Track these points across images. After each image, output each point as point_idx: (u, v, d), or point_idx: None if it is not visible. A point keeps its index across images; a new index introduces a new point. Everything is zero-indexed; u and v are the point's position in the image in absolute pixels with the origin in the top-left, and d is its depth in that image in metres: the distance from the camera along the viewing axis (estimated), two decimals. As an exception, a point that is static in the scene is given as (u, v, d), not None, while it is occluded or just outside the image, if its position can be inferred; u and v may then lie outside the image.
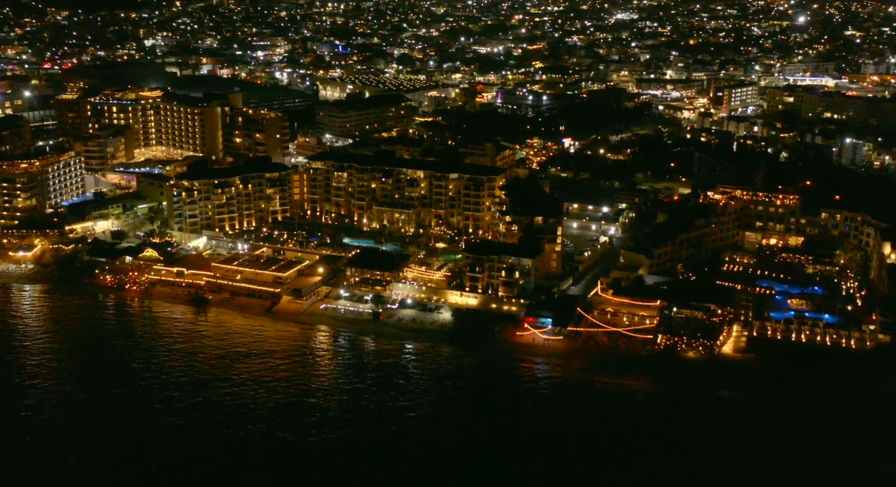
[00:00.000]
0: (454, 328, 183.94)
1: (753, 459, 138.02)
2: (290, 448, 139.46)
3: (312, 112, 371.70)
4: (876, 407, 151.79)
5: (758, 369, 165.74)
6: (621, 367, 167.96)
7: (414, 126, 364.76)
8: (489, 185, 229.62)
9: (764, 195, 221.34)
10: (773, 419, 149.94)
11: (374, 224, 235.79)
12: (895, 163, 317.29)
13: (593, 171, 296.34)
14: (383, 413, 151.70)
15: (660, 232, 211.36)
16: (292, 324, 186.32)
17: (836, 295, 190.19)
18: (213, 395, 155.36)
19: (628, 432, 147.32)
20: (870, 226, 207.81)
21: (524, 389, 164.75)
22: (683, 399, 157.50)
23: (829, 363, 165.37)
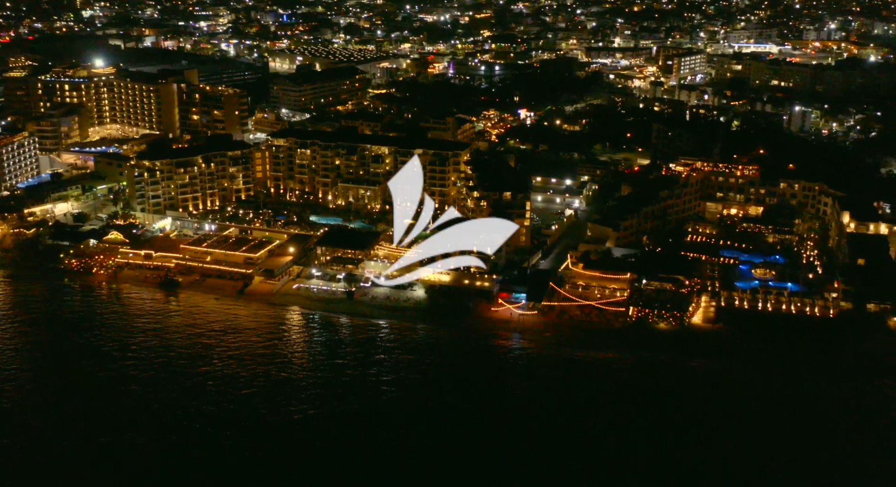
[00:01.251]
0: (429, 305, 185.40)
1: (730, 426, 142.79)
2: (274, 427, 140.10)
3: (264, 85, 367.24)
4: (841, 374, 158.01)
5: (728, 339, 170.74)
6: (596, 340, 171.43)
7: (368, 99, 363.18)
8: (454, 160, 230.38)
9: (724, 166, 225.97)
10: (744, 387, 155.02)
11: (340, 201, 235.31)
12: (843, 131, 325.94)
13: (551, 143, 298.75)
14: (365, 391, 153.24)
15: (625, 204, 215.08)
16: (266, 305, 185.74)
17: (798, 264, 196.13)
18: (193, 377, 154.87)
19: (606, 401, 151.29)
20: (827, 195, 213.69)
21: (502, 363, 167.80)
22: (658, 369, 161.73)
23: (795, 331, 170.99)
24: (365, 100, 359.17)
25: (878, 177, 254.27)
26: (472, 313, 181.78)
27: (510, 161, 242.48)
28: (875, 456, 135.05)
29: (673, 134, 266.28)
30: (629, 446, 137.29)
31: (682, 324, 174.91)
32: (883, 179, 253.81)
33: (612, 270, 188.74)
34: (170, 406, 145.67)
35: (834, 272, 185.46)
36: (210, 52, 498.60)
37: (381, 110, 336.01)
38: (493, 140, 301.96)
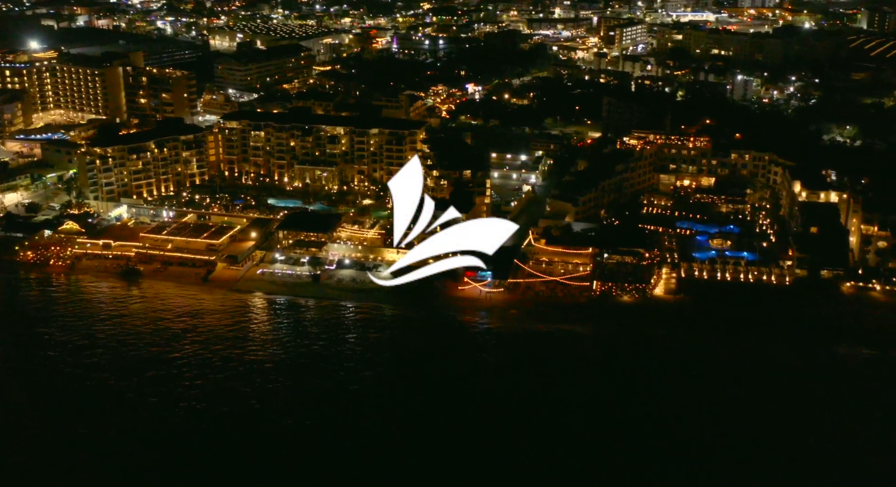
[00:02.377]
0: (395, 286, 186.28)
1: (697, 391, 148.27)
2: (253, 415, 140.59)
3: (207, 64, 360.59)
4: (798, 339, 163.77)
5: (689, 309, 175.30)
6: (562, 315, 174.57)
7: (314, 77, 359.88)
8: (411, 139, 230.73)
9: (676, 138, 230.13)
10: (707, 354, 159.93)
11: (297, 183, 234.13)
12: (783, 98, 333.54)
13: (502, 118, 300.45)
14: (337, 372, 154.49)
15: (582, 179, 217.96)
16: (232, 292, 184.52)
17: (751, 233, 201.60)
18: (167, 368, 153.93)
19: (577, 373, 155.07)
20: (777, 165, 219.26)
21: (471, 340, 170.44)
22: (626, 340, 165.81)
23: (754, 299, 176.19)
24: (310, 78, 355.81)
25: (822, 145, 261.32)
26: (439, 292, 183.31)
27: (466, 138, 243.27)
28: (831, 414, 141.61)
29: (623, 107, 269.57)
30: (603, 415, 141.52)
31: (645, 296, 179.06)
32: (827, 146, 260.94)
33: (573, 245, 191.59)
34: (145, 396, 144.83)
35: (787, 240, 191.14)
36: (146, 30, 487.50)
37: (328, 87, 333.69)
38: (444, 116, 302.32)
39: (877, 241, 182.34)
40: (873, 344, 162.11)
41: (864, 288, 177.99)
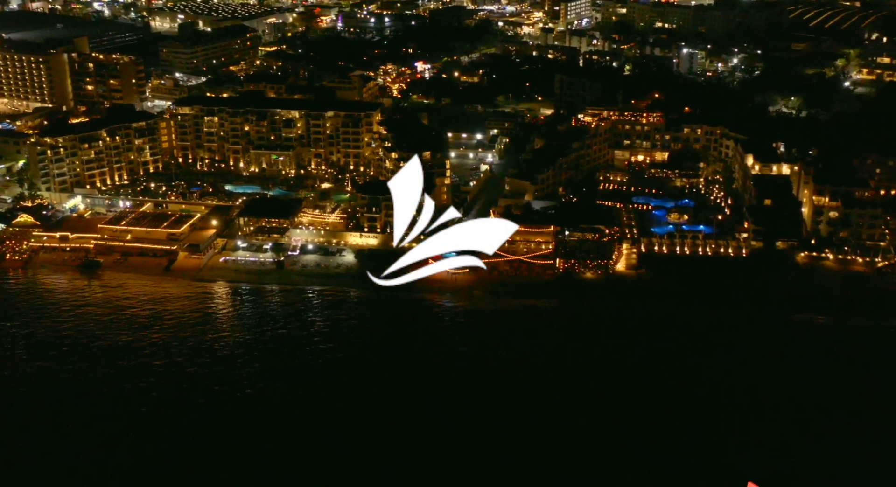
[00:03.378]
0: (360, 270, 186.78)
1: (666, 360, 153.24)
2: (229, 402, 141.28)
3: (150, 47, 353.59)
4: (755, 308, 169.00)
5: (651, 283, 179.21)
6: (527, 293, 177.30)
7: (261, 58, 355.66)
8: (367, 121, 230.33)
9: (630, 114, 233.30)
10: (669, 326, 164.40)
11: (253, 168, 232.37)
12: (728, 70, 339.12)
13: (453, 96, 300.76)
14: (306, 357, 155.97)
15: (540, 157, 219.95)
16: (195, 281, 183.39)
17: (706, 207, 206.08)
18: (136, 358, 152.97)
19: (546, 348, 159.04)
20: (728, 138, 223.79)
21: (438, 320, 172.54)
22: (592, 315, 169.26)
23: (712, 271, 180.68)
24: (257, 60, 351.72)
25: (769, 117, 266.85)
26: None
27: (423, 119, 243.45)
28: (788, 381, 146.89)
29: (576, 84, 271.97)
30: (576, 385, 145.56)
31: (607, 272, 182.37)
32: (773, 118, 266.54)
33: (535, 224, 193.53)
34: (118, 388, 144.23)
35: (742, 213, 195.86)
36: (83, 13, 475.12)
37: (276, 68, 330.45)
38: (395, 96, 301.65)
39: (828, 212, 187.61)
40: (828, 312, 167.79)
41: (817, 257, 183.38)
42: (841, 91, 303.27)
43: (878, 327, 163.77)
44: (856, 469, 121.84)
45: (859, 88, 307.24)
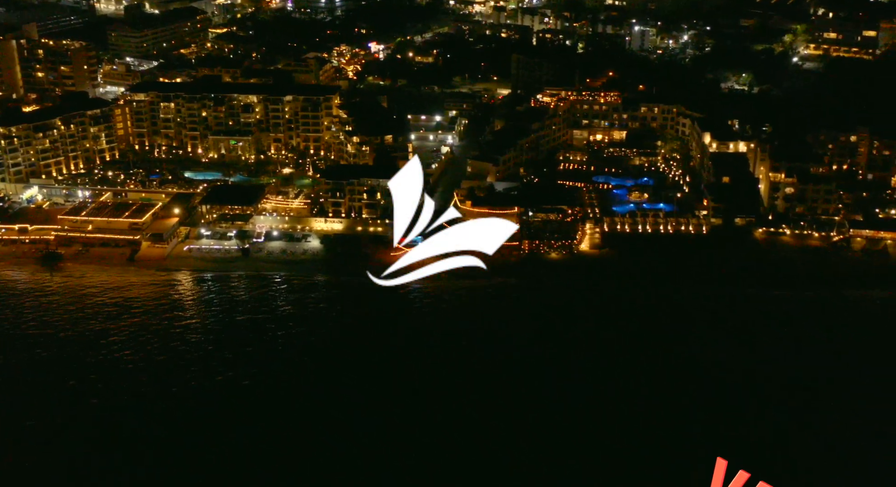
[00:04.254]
0: (326, 255, 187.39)
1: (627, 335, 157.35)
2: (202, 391, 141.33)
3: (98, 31, 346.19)
4: (716, 284, 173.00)
5: (615, 262, 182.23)
6: (494, 273, 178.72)
7: (211, 40, 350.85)
8: (326, 105, 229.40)
9: (588, 94, 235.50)
10: (640, 303, 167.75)
11: (212, 154, 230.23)
12: (678, 47, 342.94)
13: (409, 77, 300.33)
14: (279, 345, 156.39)
15: (501, 138, 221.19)
16: (160, 270, 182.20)
17: (665, 185, 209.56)
18: (106, 351, 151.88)
19: (516, 324, 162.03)
20: (685, 116, 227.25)
21: (407, 303, 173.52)
22: (559, 294, 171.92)
23: (674, 249, 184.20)
24: (207, 43, 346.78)
25: (722, 93, 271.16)
26: (371, 259, 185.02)
27: (382, 101, 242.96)
28: (753, 355, 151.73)
29: (532, 64, 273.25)
30: (547, 363, 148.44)
31: (572, 252, 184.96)
32: (726, 95, 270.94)
33: (499, 205, 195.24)
34: (89, 381, 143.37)
35: (700, 191, 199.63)
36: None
37: (227, 51, 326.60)
38: (351, 77, 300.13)
39: (784, 188, 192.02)
40: (786, 286, 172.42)
41: (774, 233, 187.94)
42: (790, 67, 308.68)
43: (834, 298, 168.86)
44: (821, 438, 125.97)
45: (808, 64, 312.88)
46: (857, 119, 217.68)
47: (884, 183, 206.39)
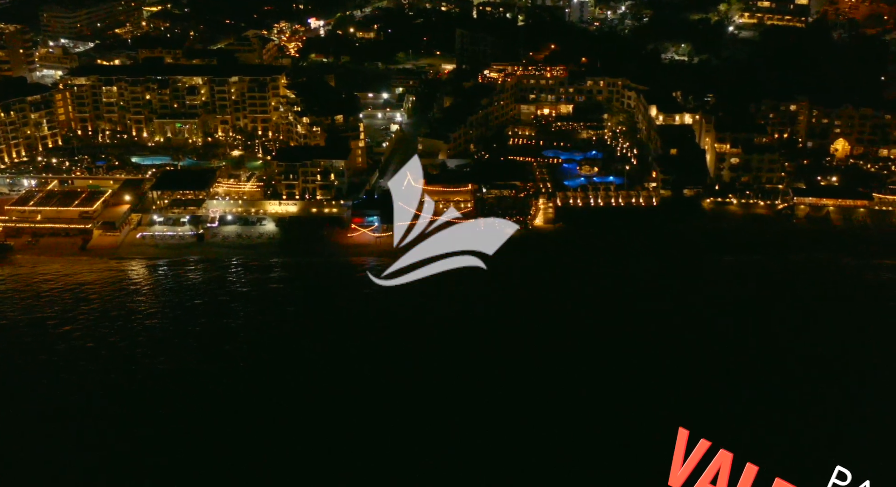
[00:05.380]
0: (282, 238, 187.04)
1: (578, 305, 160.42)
2: (168, 379, 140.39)
3: (28, 11, 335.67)
4: (667, 254, 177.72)
5: (569, 236, 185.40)
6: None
7: (146, 19, 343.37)
8: (273, 86, 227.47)
9: (534, 69, 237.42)
10: (594, 275, 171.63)
11: (158, 137, 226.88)
12: (617, 18, 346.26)
13: (352, 54, 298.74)
14: (238, 329, 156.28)
15: (451, 115, 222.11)
16: (114, 259, 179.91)
17: (614, 158, 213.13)
18: (65, 342, 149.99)
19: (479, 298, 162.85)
20: (630, 89, 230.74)
21: (366, 284, 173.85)
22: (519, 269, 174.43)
23: (626, 221, 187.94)
24: (143, 20, 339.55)
25: (663, 64, 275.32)
26: (327, 241, 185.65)
27: (329, 80, 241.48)
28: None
29: (476, 38, 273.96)
30: (507, 337, 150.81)
31: (527, 228, 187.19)
32: (667, 66, 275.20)
33: (453, 183, 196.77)
34: (51, 372, 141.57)
35: (648, 163, 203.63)
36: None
37: (164, 30, 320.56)
38: (294, 55, 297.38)
39: (730, 158, 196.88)
40: (736, 252, 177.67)
41: (722, 203, 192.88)
42: (726, 36, 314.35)
43: (782, 262, 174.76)
44: (780, 405, 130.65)
45: (743, 33, 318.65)
46: (795, 87, 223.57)
47: (823, 150, 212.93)
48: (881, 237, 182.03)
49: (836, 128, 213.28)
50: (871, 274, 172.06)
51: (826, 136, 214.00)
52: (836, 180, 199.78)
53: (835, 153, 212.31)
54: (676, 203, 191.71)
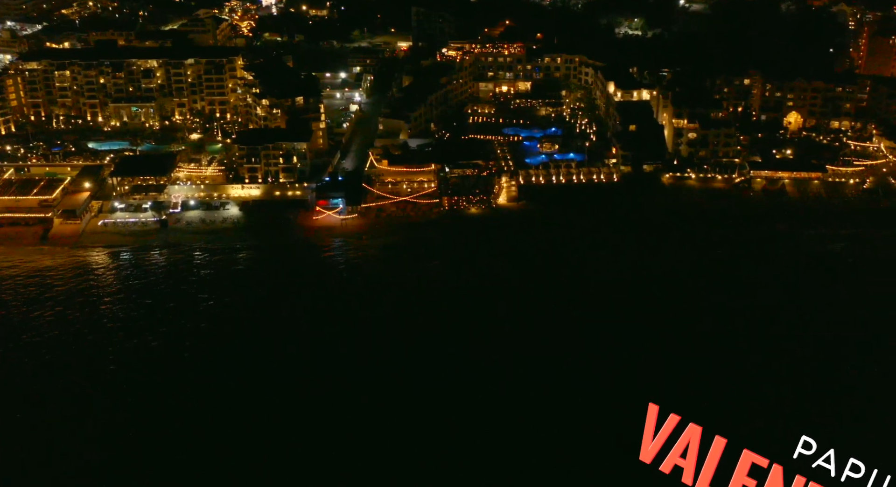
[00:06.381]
0: (247, 222, 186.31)
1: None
2: (140, 368, 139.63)
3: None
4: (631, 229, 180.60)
5: (533, 213, 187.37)
6: (419, 233, 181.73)
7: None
8: (230, 67, 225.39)
9: (491, 46, 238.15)
10: (561, 251, 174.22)
11: (114, 122, 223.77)
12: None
13: (306, 32, 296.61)
14: (205, 313, 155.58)
15: (411, 95, 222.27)
16: (76, 247, 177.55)
17: (573, 135, 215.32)
18: (34, 333, 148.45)
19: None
20: (587, 65, 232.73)
21: (333, 264, 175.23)
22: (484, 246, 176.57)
23: (588, 197, 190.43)
24: (90, 2, 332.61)
25: (617, 39, 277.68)
26: (293, 224, 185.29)
27: (287, 61, 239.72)
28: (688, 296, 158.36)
29: (432, 15, 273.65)
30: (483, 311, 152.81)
31: (491, 207, 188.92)
32: (621, 41, 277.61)
33: (416, 163, 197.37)
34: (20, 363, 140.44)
35: (608, 139, 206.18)
36: None
37: (111, 10, 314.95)
38: (247, 34, 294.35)
39: (687, 133, 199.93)
40: (696, 225, 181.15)
41: (681, 178, 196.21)
42: (677, 9, 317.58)
43: (742, 235, 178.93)
44: (748, 377, 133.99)
45: (694, 6, 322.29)
46: (747, 61, 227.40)
47: (777, 123, 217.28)
48: (835, 208, 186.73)
49: (788, 102, 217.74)
50: (828, 244, 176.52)
51: (779, 110, 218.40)
52: (790, 153, 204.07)
53: (788, 126, 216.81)
54: (636, 179, 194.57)
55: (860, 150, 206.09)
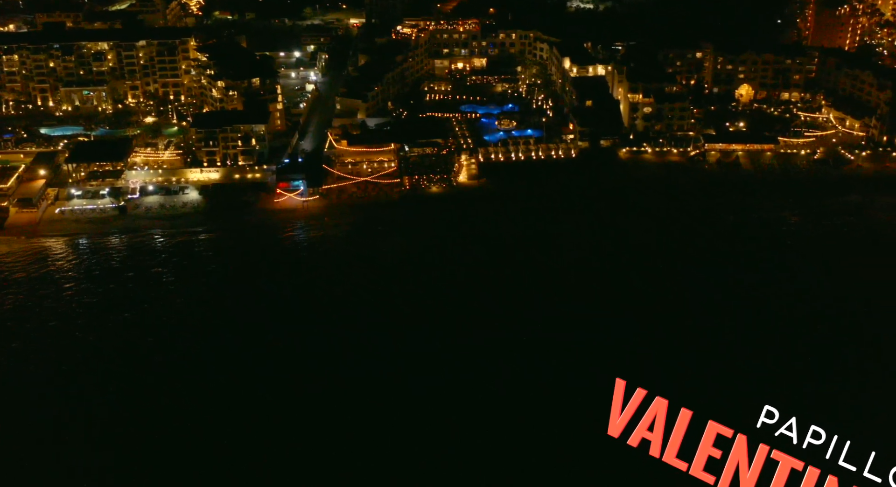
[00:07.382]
0: (207, 206, 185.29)
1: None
2: (110, 356, 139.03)
3: None
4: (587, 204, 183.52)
5: (494, 191, 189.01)
6: (381, 213, 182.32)
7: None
8: (183, 48, 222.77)
9: (447, 23, 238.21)
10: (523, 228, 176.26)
11: (66, 106, 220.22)
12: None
13: (256, 10, 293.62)
14: (169, 299, 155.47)
15: (367, 73, 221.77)
16: (34, 236, 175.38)
17: (530, 111, 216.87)
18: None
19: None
20: (542, 41, 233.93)
21: (294, 246, 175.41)
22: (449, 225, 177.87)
23: (546, 174, 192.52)
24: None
25: (569, 13, 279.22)
26: (254, 208, 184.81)
27: (241, 41, 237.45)
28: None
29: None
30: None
31: (451, 185, 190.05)
32: (573, 14, 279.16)
33: (375, 143, 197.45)
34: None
35: (565, 115, 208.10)
36: None
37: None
38: (197, 13, 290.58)
39: (643, 108, 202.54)
40: (651, 199, 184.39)
41: (637, 152, 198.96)
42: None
43: (699, 207, 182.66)
44: (706, 348, 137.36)
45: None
46: (697, 34, 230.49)
47: (729, 96, 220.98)
48: (787, 179, 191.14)
49: (740, 74, 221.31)
50: (785, 214, 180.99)
51: (731, 82, 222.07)
52: (743, 125, 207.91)
53: (740, 98, 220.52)
54: (594, 154, 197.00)
55: (810, 121, 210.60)
